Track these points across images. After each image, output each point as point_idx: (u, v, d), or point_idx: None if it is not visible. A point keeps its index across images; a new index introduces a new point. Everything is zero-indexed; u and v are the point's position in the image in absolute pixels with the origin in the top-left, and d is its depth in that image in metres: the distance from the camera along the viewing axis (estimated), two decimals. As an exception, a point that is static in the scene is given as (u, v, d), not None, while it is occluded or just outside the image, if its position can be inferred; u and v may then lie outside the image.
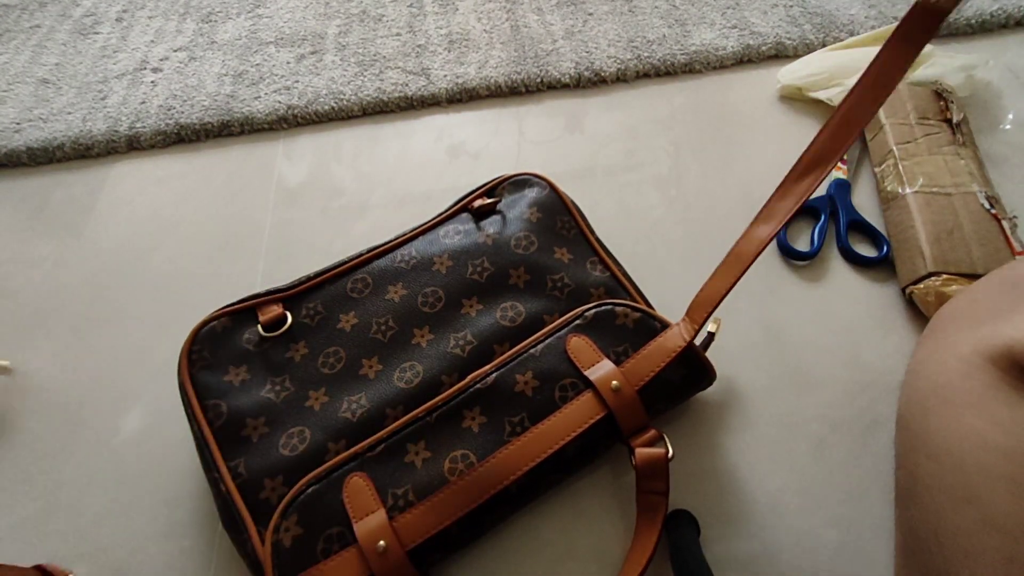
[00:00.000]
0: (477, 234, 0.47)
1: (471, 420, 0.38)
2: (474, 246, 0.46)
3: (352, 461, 0.37)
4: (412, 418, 0.38)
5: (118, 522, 0.40)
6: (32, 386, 0.47)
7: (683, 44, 0.69)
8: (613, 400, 0.38)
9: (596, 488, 0.41)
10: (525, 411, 0.38)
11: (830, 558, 0.38)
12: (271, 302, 0.43)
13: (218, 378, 0.40)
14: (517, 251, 0.45)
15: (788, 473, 0.41)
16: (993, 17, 0.69)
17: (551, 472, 0.38)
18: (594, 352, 0.40)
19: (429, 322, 0.43)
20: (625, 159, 0.54)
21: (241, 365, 0.41)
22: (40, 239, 0.57)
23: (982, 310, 0.36)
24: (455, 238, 0.47)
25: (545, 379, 0.39)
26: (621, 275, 0.46)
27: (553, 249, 0.46)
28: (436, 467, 0.36)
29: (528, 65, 0.68)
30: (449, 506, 0.35)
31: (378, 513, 0.35)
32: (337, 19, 0.76)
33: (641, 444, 0.37)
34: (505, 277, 0.44)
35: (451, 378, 0.40)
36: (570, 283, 0.44)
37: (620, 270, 0.46)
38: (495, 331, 0.42)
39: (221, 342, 0.42)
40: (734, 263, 0.38)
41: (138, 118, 0.65)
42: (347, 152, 0.63)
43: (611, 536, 0.39)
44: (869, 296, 0.49)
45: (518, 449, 0.37)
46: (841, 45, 0.66)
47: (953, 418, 0.32)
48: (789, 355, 0.46)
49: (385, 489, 0.36)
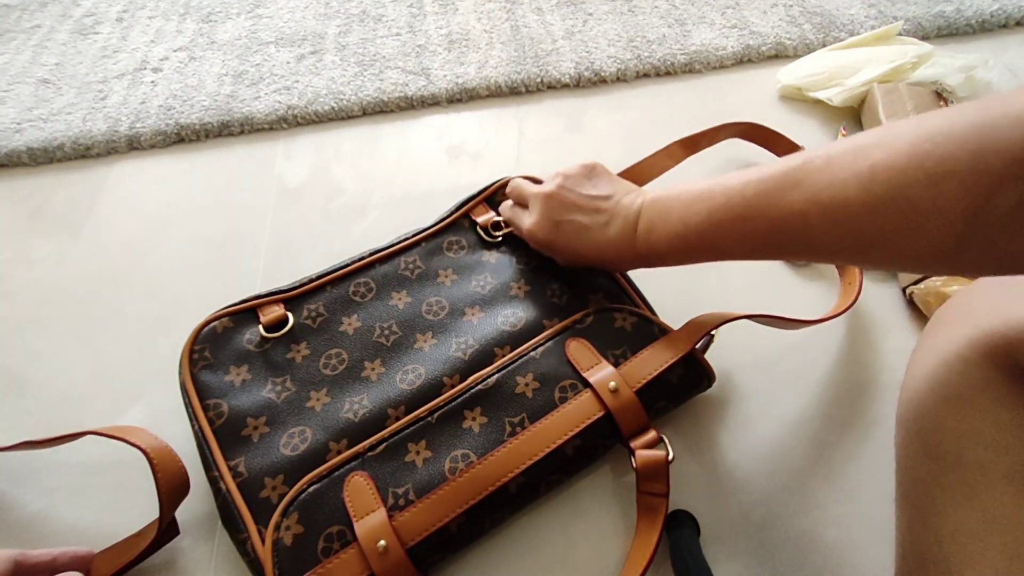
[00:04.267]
0: (481, 251, 0.48)
1: (472, 420, 0.38)
2: (478, 264, 0.47)
3: (353, 460, 0.37)
4: (414, 418, 0.38)
5: (118, 521, 0.40)
6: (32, 386, 0.47)
7: (683, 44, 0.69)
8: (611, 401, 0.38)
9: (596, 488, 0.41)
10: (525, 411, 0.39)
11: (830, 558, 0.38)
12: (273, 303, 0.44)
13: (219, 378, 0.40)
14: (519, 266, 0.46)
15: (788, 473, 0.41)
16: (993, 17, 0.70)
17: (551, 472, 0.38)
18: (593, 355, 0.40)
19: (432, 328, 0.43)
20: (625, 159, 0.54)
21: (242, 365, 0.41)
22: (40, 239, 0.57)
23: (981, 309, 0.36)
24: (460, 253, 0.48)
25: (545, 381, 0.40)
26: (622, 279, 0.46)
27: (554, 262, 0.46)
28: (437, 466, 0.37)
29: (528, 65, 0.68)
30: (449, 503, 0.35)
31: (378, 512, 0.35)
32: (337, 19, 0.76)
33: (641, 446, 0.38)
34: (507, 289, 0.45)
35: (452, 380, 0.40)
36: (569, 291, 0.45)
37: (622, 274, 0.46)
38: (496, 335, 0.42)
39: (222, 342, 0.42)
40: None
41: (138, 118, 0.65)
42: (347, 152, 0.63)
43: (611, 536, 0.39)
44: (869, 296, 0.49)
45: (517, 447, 0.37)
46: (841, 45, 0.66)
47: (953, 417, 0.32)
48: (789, 355, 0.46)
49: (386, 488, 0.36)
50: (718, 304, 0.45)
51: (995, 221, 0.24)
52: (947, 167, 0.25)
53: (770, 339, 0.46)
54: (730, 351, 0.46)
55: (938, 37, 0.70)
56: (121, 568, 0.37)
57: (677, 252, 0.38)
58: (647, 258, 0.41)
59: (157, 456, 0.36)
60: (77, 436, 0.39)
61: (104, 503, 0.41)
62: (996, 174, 0.24)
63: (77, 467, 0.43)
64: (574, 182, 0.43)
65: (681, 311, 0.44)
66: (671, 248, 0.38)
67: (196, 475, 0.38)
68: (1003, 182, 0.24)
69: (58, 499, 0.42)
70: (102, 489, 0.42)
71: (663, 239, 0.38)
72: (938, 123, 0.26)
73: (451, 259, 0.47)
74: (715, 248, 0.37)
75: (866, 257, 0.32)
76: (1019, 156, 0.23)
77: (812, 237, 0.31)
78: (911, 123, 0.28)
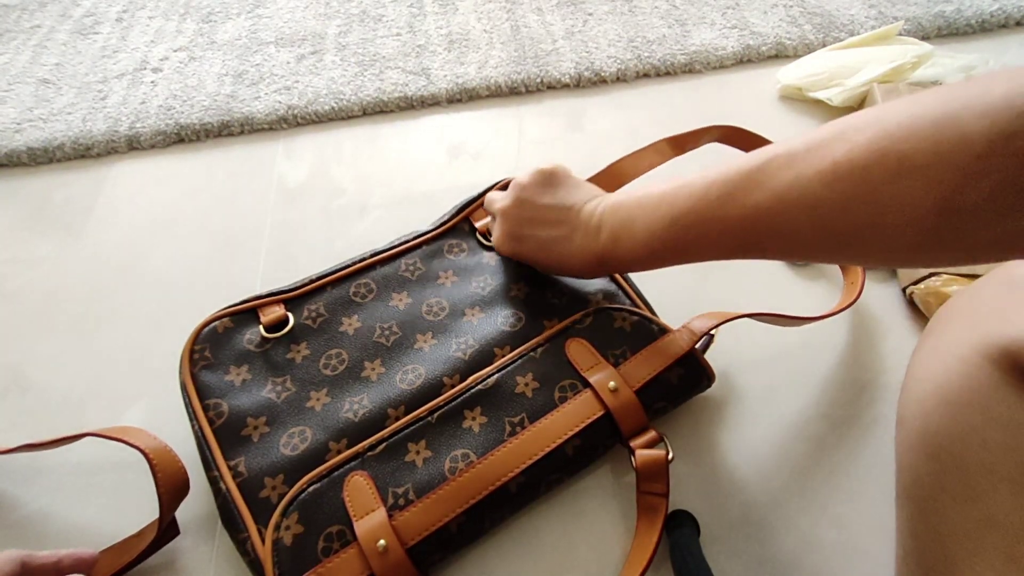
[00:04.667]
0: (481, 253, 0.48)
1: (472, 420, 0.38)
2: (478, 266, 0.47)
3: (353, 460, 0.37)
4: (414, 418, 0.38)
5: (118, 521, 0.40)
6: (32, 386, 0.47)
7: (683, 44, 0.69)
8: (611, 400, 0.38)
9: (596, 488, 0.41)
10: (525, 411, 0.39)
11: (830, 558, 0.38)
12: (273, 303, 0.44)
13: (219, 377, 0.40)
14: (519, 268, 0.46)
15: (788, 473, 0.41)
16: (993, 17, 0.70)
17: (551, 472, 0.38)
18: (593, 355, 0.41)
19: (432, 328, 0.43)
20: (625, 159, 0.54)
21: (242, 365, 0.41)
22: (40, 239, 0.57)
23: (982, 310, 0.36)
24: (460, 255, 0.48)
25: (545, 381, 0.40)
26: (622, 279, 0.46)
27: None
28: (437, 466, 0.37)
29: (528, 65, 0.68)
30: (449, 503, 0.35)
31: (378, 512, 0.35)
32: (337, 19, 0.76)
33: (641, 446, 0.38)
34: (507, 290, 0.45)
35: (452, 380, 0.40)
36: (568, 292, 0.45)
37: (622, 274, 0.46)
38: (496, 335, 0.42)
39: (223, 342, 0.42)
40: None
41: (138, 118, 0.65)
42: (347, 152, 0.63)
43: (611, 536, 0.39)
44: (869, 296, 0.49)
45: (517, 446, 0.37)
46: (841, 45, 0.66)
47: (953, 418, 0.32)
48: (789, 355, 0.46)
49: (386, 488, 0.36)
50: (719, 303, 0.45)
51: (966, 214, 0.24)
52: (910, 163, 0.25)
53: (770, 339, 0.46)
54: (730, 351, 0.46)
55: (938, 37, 0.70)
56: (121, 568, 0.37)
57: (642, 261, 0.37)
58: (614, 267, 0.40)
59: (157, 457, 0.36)
60: (77, 438, 0.39)
61: (104, 503, 0.41)
62: (962, 169, 0.23)
63: (77, 467, 0.43)
64: (531, 192, 0.41)
65: (681, 309, 0.44)
66: (636, 257, 0.37)
67: (196, 475, 0.38)
68: (970, 177, 0.23)
69: (58, 499, 0.42)
70: (102, 489, 0.42)
71: (627, 250, 0.37)
72: (899, 116, 0.26)
73: (451, 261, 0.47)
74: (683, 252, 0.35)
75: (844, 254, 0.32)
76: (984, 151, 0.23)
77: (783, 236, 0.30)
78: (871, 115, 0.27)
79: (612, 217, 0.38)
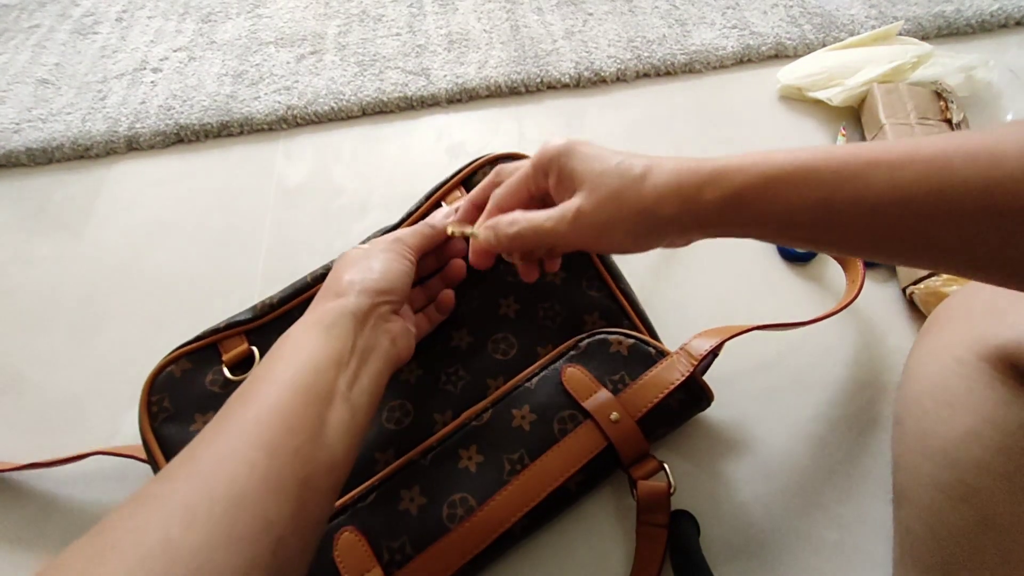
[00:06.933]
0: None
1: (468, 460, 0.36)
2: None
3: (341, 514, 0.34)
4: (405, 462, 0.36)
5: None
6: (32, 386, 0.47)
7: (683, 44, 0.69)
8: (613, 432, 0.36)
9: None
10: (524, 447, 0.36)
11: (830, 558, 0.38)
12: (233, 335, 0.39)
13: (184, 429, 0.37)
14: (507, 278, 0.42)
15: (788, 473, 0.41)
16: (993, 17, 0.69)
17: (554, 510, 0.36)
18: (591, 382, 0.38)
19: (416, 357, 0.38)
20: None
21: (208, 412, 0.37)
22: (40, 239, 0.57)
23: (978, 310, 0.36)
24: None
25: (543, 413, 0.37)
26: (619, 292, 0.43)
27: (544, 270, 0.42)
28: (434, 514, 0.34)
29: (528, 65, 0.68)
30: (450, 555, 0.33)
31: (374, 572, 0.32)
32: (337, 19, 0.76)
33: (642, 476, 0.36)
34: (495, 308, 0.42)
35: (444, 416, 0.38)
36: (562, 311, 0.42)
37: (618, 286, 0.43)
38: (487, 365, 0.40)
39: (182, 388, 0.38)
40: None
41: (137, 118, 0.65)
42: (347, 152, 0.63)
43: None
44: (869, 296, 0.49)
45: (519, 488, 0.35)
46: (841, 45, 0.66)
47: (949, 418, 0.32)
48: (789, 355, 0.46)
49: (379, 543, 0.33)
50: (717, 310, 0.44)
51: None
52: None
53: (770, 340, 0.46)
54: (730, 351, 0.45)
55: (938, 37, 0.70)
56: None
57: (759, 231, 0.29)
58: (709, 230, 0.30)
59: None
60: (83, 456, 0.39)
61: (105, 503, 0.41)
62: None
63: (78, 467, 0.43)
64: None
65: (678, 312, 0.44)
66: (758, 226, 0.28)
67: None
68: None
69: (58, 499, 0.42)
70: (103, 490, 0.42)
71: (753, 217, 0.28)
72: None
73: None
74: (820, 242, 0.29)
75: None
76: None
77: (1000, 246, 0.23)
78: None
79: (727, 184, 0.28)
